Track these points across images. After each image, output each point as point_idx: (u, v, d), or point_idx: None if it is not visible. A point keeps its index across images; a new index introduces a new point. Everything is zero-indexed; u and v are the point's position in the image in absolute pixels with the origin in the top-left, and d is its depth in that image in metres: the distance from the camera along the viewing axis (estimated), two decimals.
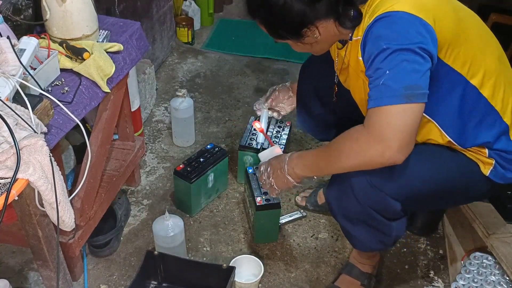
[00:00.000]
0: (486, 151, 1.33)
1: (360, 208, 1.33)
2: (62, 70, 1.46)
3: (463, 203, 1.62)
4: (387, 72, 1.12)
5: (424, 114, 1.21)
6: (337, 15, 1.22)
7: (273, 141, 1.98)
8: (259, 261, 1.67)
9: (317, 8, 1.21)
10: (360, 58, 1.24)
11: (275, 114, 1.84)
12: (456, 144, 1.33)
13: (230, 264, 1.66)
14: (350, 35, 1.28)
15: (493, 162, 1.33)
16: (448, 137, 1.32)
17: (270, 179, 1.45)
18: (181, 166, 1.87)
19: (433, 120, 1.30)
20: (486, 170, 1.34)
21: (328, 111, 1.70)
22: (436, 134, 1.33)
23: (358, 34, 1.24)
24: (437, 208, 1.81)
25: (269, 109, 1.83)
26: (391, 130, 1.11)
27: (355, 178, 1.29)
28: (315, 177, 1.47)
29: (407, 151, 1.13)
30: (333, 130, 1.71)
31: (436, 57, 1.17)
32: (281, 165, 1.40)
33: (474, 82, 1.26)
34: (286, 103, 1.81)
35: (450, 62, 1.23)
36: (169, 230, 1.65)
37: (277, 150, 1.54)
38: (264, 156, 1.56)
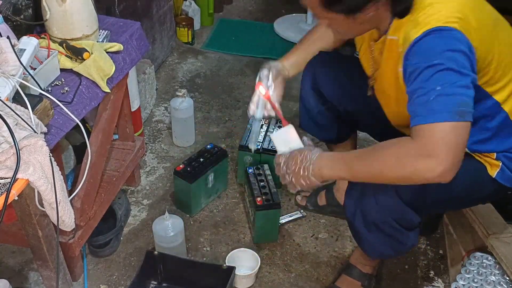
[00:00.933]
0: (494, 154, 1.33)
1: (380, 216, 1.32)
2: (62, 70, 1.46)
3: (469, 206, 1.63)
4: (438, 88, 1.08)
5: None
6: None
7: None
8: (256, 254, 1.68)
9: None
10: (401, 69, 1.18)
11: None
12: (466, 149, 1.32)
13: (227, 258, 1.67)
14: (386, 29, 1.24)
15: (500, 164, 1.33)
16: None
17: (290, 177, 1.30)
18: (181, 166, 1.86)
19: None
20: (493, 172, 1.34)
21: (330, 108, 1.67)
22: None
23: (395, 33, 1.21)
24: (443, 212, 1.82)
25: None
26: (446, 147, 1.07)
27: (380, 186, 1.27)
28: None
29: (457, 169, 1.09)
30: (335, 129, 1.71)
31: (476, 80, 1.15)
32: (305, 164, 1.26)
33: (498, 97, 1.25)
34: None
35: (484, 85, 1.22)
36: (169, 230, 1.66)
37: (292, 133, 1.34)
38: (278, 138, 1.35)
